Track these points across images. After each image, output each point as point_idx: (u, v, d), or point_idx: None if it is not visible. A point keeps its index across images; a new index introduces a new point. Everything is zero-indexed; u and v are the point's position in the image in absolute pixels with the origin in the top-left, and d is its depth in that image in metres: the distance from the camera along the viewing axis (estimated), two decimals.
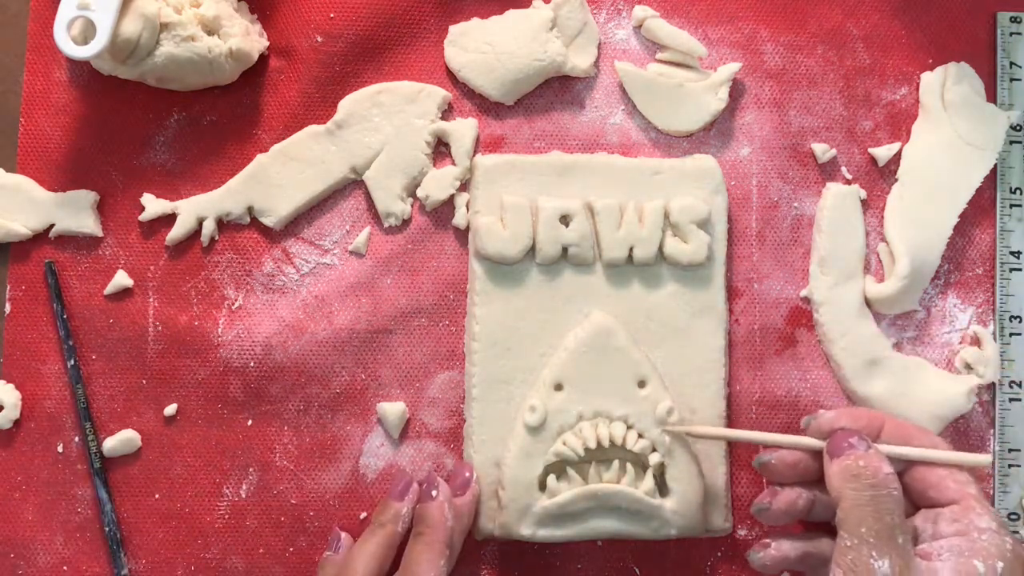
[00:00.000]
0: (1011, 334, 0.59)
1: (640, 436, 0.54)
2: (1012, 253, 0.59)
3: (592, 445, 0.54)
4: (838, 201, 0.58)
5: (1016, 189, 0.60)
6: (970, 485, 0.48)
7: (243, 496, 0.57)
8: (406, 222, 0.59)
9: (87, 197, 0.58)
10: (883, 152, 0.59)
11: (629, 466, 0.54)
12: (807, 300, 0.59)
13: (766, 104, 0.60)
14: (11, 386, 0.57)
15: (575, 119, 0.59)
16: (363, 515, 0.57)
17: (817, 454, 0.51)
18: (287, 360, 0.57)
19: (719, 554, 0.57)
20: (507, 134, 0.59)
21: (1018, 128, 0.60)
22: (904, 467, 0.49)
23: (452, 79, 0.59)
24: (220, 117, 0.59)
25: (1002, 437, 0.58)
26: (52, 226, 0.58)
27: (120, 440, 0.56)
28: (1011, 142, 0.60)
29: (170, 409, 0.57)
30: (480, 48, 0.59)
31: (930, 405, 0.57)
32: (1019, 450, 0.58)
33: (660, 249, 0.56)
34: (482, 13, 0.60)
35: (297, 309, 0.58)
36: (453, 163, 0.58)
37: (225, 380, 0.57)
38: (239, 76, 0.58)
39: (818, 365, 0.58)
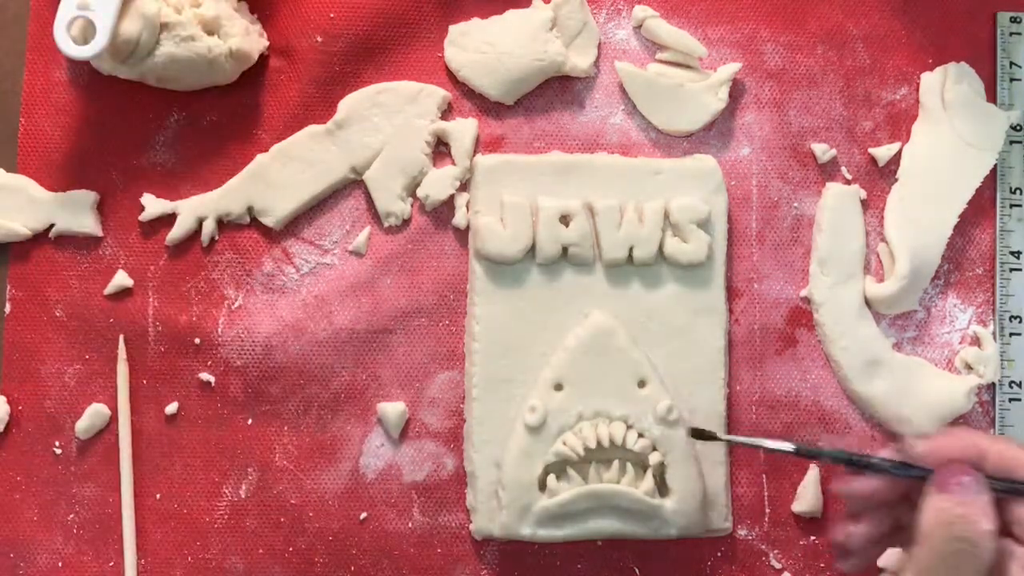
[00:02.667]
0: (1011, 334, 0.59)
1: (640, 436, 0.54)
2: (1012, 253, 0.59)
3: (592, 445, 0.54)
4: (838, 201, 0.58)
5: (1016, 189, 0.60)
6: None
7: (243, 496, 0.57)
8: (406, 222, 0.59)
9: (87, 197, 0.58)
10: (883, 152, 0.59)
11: (629, 466, 0.54)
12: (807, 300, 0.59)
13: (766, 104, 0.60)
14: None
15: (575, 119, 0.59)
16: (363, 516, 0.57)
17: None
18: (287, 360, 0.57)
19: (719, 554, 0.57)
20: (507, 134, 0.59)
21: (1018, 128, 0.60)
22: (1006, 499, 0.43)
23: (452, 79, 0.59)
24: (220, 117, 0.59)
25: None
26: (52, 226, 0.58)
27: (90, 415, 0.57)
28: (1011, 142, 0.60)
29: (170, 409, 0.57)
30: (480, 48, 0.59)
31: (930, 405, 0.57)
32: None
33: (660, 249, 0.56)
34: (482, 13, 0.60)
35: (297, 309, 0.58)
36: (453, 163, 0.58)
37: (225, 380, 0.57)
38: (239, 76, 0.58)
39: (818, 365, 0.58)
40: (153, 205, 0.58)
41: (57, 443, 0.57)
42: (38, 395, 0.57)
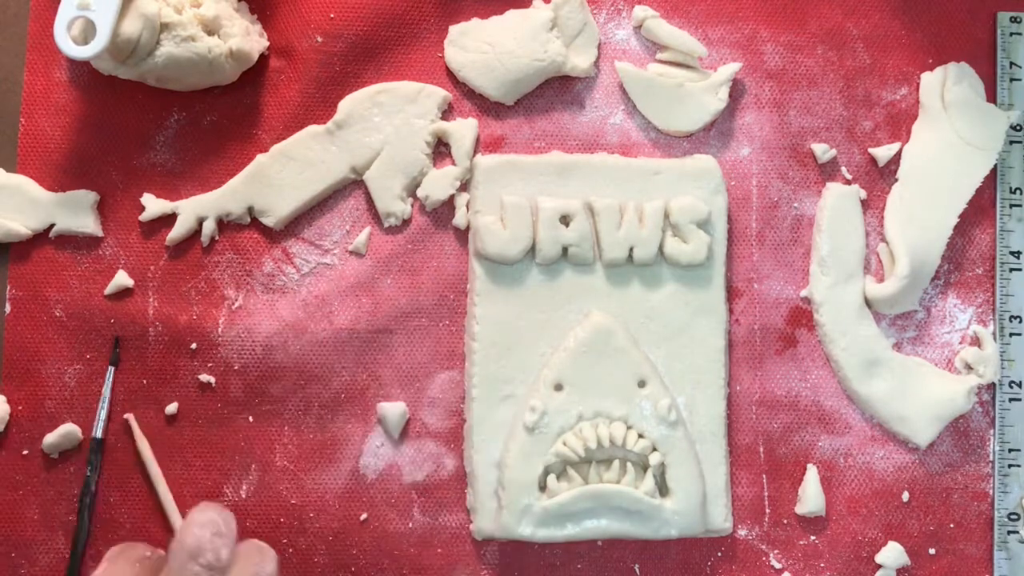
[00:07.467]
0: (1011, 334, 0.59)
1: (640, 436, 0.54)
2: (1012, 253, 0.59)
3: (592, 445, 0.54)
4: (838, 201, 0.58)
5: (1016, 189, 0.60)
6: None
7: (243, 496, 0.57)
8: (406, 222, 0.59)
9: (87, 197, 0.58)
10: (883, 152, 0.59)
11: (629, 466, 0.54)
12: (807, 300, 0.59)
13: (766, 104, 0.60)
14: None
15: (575, 119, 0.59)
16: (363, 516, 0.57)
17: None
18: (287, 360, 0.57)
19: (719, 554, 0.57)
20: (507, 134, 0.59)
21: (1018, 128, 0.60)
22: None
23: (452, 79, 0.59)
24: (220, 117, 0.59)
25: (1002, 437, 0.58)
26: (52, 226, 0.58)
27: (61, 435, 0.56)
28: (1011, 142, 0.60)
29: (171, 409, 0.57)
30: (480, 48, 0.59)
31: (930, 405, 0.57)
32: (1019, 450, 0.58)
33: (660, 249, 0.56)
34: (482, 13, 0.60)
35: (297, 309, 0.58)
36: (453, 163, 0.58)
37: (225, 380, 0.57)
38: (239, 76, 0.58)
39: (818, 365, 0.58)
40: (153, 205, 0.58)
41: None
42: (38, 395, 0.57)
